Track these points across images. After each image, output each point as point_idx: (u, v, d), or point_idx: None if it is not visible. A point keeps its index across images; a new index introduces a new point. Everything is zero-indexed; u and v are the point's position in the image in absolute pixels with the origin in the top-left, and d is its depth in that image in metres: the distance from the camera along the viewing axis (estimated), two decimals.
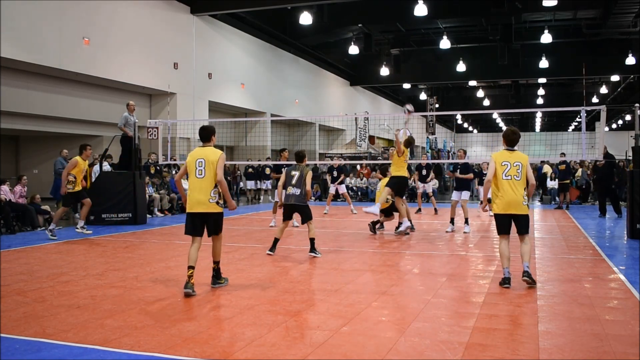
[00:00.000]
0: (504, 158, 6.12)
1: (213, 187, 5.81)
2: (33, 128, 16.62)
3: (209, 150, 5.97)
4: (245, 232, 11.27)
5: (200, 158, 5.87)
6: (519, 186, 6.02)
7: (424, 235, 10.49)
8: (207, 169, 5.81)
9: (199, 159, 5.86)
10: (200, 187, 5.81)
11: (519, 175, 6.03)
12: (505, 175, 6.04)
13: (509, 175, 6.03)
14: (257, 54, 24.60)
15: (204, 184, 5.81)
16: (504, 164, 6.07)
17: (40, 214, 11.76)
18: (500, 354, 3.92)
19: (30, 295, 5.68)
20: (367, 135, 25.92)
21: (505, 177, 6.03)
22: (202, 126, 6.23)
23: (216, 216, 5.92)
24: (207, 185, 5.80)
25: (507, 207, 6.03)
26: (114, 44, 16.59)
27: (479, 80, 35.32)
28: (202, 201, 5.80)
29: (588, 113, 12.28)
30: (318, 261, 7.72)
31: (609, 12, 22.20)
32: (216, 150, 5.98)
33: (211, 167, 5.81)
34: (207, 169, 5.81)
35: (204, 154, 5.90)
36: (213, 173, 5.81)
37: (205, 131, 6.12)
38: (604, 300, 5.49)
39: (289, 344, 4.13)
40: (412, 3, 20.11)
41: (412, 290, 6.05)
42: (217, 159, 5.84)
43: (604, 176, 13.85)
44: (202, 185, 5.81)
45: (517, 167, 6.04)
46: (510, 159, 6.09)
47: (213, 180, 5.81)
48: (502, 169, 6.06)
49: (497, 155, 6.18)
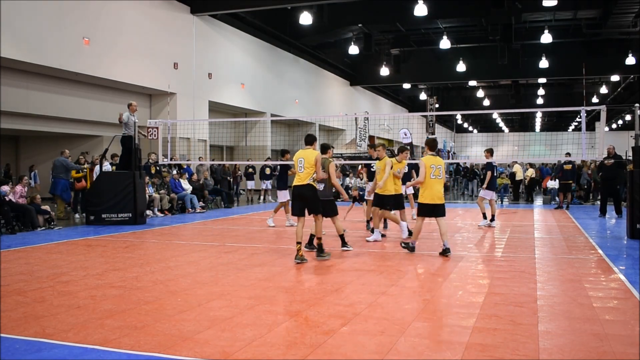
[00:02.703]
0: (431, 162, 7.93)
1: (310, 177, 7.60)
2: (33, 128, 16.62)
3: (308, 151, 7.69)
4: (246, 232, 11.27)
5: (301, 157, 7.65)
6: (441, 183, 8.01)
7: (424, 236, 10.48)
8: (305, 166, 7.57)
9: (300, 158, 7.66)
10: (300, 178, 7.68)
11: (440, 175, 7.95)
12: (433, 175, 7.90)
13: (435, 175, 7.91)
14: (257, 54, 24.60)
15: (302, 176, 7.64)
16: (432, 167, 7.90)
17: (40, 214, 11.75)
18: (500, 354, 3.91)
19: (30, 295, 5.68)
20: (367, 135, 25.93)
21: (433, 176, 7.90)
22: (308, 133, 8.18)
23: (313, 198, 7.68)
24: (305, 176, 7.61)
25: (433, 199, 7.93)
26: (114, 44, 16.60)
27: (479, 80, 35.33)
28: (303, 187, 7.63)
29: (588, 113, 12.28)
30: (318, 261, 7.72)
31: (609, 12, 22.22)
32: (314, 151, 7.72)
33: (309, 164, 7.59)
34: (306, 166, 7.57)
35: (304, 154, 7.66)
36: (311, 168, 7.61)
37: (309, 137, 8.00)
38: (604, 300, 5.49)
39: (289, 344, 4.13)
40: (412, 3, 20.12)
41: (412, 290, 6.05)
42: (314, 159, 7.59)
43: (612, 176, 13.83)
44: (301, 177, 7.67)
45: (439, 169, 7.94)
46: (435, 162, 7.95)
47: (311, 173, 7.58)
48: (430, 170, 7.89)
49: (427, 160, 7.94)
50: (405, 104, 44.07)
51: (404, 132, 24.49)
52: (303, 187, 7.62)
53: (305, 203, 7.70)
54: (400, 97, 43.02)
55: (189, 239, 10.32)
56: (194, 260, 7.87)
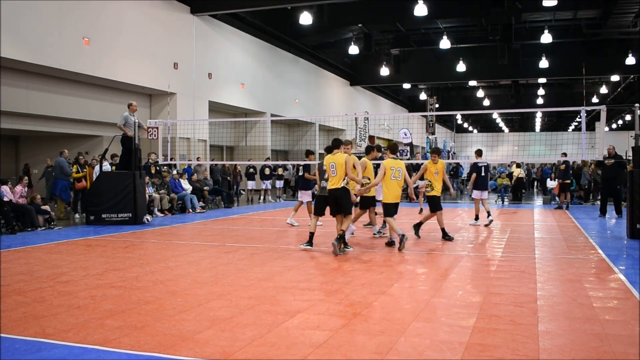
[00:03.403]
0: (391, 164, 8.55)
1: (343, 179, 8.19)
2: (33, 128, 16.61)
3: (337, 155, 8.25)
4: (246, 232, 11.28)
5: (332, 162, 8.22)
6: (401, 184, 8.71)
7: (423, 235, 10.48)
8: (337, 169, 8.15)
9: (331, 162, 8.22)
10: (333, 182, 8.26)
11: (400, 177, 8.64)
12: (393, 176, 8.57)
13: (395, 177, 8.58)
14: (257, 54, 24.60)
15: (335, 179, 8.22)
16: (392, 169, 8.52)
17: (40, 214, 11.74)
18: (500, 354, 3.91)
19: (30, 295, 5.68)
20: (367, 135, 25.90)
21: (393, 177, 8.57)
22: (334, 138, 8.79)
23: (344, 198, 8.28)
24: (338, 180, 8.21)
25: (395, 198, 8.67)
26: (114, 44, 16.59)
27: (479, 80, 35.32)
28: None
29: (588, 113, 12.29)
30: (318, 261, 7.72)
31: (609, 12, 22.21)
32: (342, 154, 8.23)
33: (340, 167, 8.14)
34: (338, 169, 8.14)
35: (334, 159, 8.22)
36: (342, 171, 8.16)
37: (336, 141, 8.59)
38: (604, 300, 5.49)
39: (289, 344, 4.13)
40: (412, 3, 20.11)
41: (412, 290, 6.05)
42: (344, 161, 8.12)
43: (612, 176, 13.83)
44: (334, 180, 8.23)
45: (399, 172, 8.60)
46: (396, 165, 8.58)
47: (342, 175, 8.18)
48: (391, 172, 8.53)
49: (387, 162, 8.56)
50: (405, 104, 44.08)
51: (404, 132, 24.51)
52: (337, 190, 8.19)
53: (337, 205, 8.29)
54: (400, 97, 43.01)
55: (189, 239, 10.32)
56: (194, 260, 7.87)
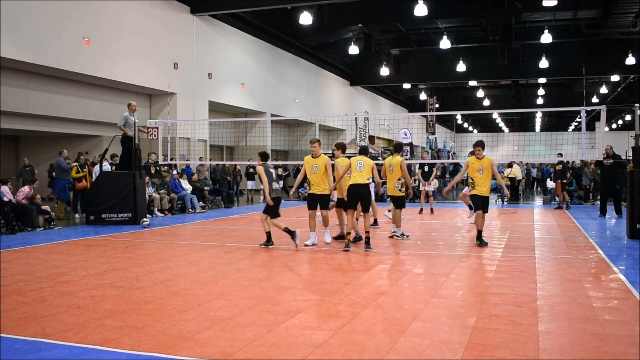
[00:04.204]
0: (344, 162, 9.02)
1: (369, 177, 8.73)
2: (33, 128, 16.62)
3: (366, 158, 8.85)
4: (246, 232, 11.28)
5: (361, 160, 8.77)
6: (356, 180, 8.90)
7: (424, 235, 10.49)
8: (365, 168, 8.67)
9: (360, 160, 8.77)
10: (356, 178, 8.66)
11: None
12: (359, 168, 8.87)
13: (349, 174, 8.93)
14: (257, 54, 24.60)
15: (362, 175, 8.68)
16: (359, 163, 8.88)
17: (40, 214, 11.74)
18: (500, 354, 3.91)
19: (30, 295, 5.68)
20: (367, 135, 25.89)
21: (349, 174, 8.84)
22: (362, 146, 10.02)
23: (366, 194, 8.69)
24: (364, 176, 8.68)
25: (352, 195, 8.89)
26: (114, 43, 16.59)
27: (479, 80, 35.33)
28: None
29: (588, 113, 12.29)
30: (318, 261, 7.73)
31: (609, 12, 22.21)
32: (369, 160, 8.83)
33: (367, 167, 8.70)
34: (365, 168, 8.67)
35: (364, 159, 8.81)
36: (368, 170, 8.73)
37: (364, 149, 9.35)
38: (604, 300, 5.49)
39: (289, 344, 4.13)
40: (412, 3, 20.11)
41: (412, 290, 6.05)
42: (371, 164, 8.78)
43: (612, 176, 13.83)
44: (359, 176, 8.66)
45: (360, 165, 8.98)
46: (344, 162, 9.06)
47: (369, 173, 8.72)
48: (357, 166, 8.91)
49: (341, 160, 9.22)
50: (405, 104, 44.08)
51: (404, 132, 24.48)
52: (361, 185, 8.55)
53: (359, 200, 8.64)
54: (400, 97, 43.00)
55: (189, 239, 10.32)
56: (194, 260, 7.87)
